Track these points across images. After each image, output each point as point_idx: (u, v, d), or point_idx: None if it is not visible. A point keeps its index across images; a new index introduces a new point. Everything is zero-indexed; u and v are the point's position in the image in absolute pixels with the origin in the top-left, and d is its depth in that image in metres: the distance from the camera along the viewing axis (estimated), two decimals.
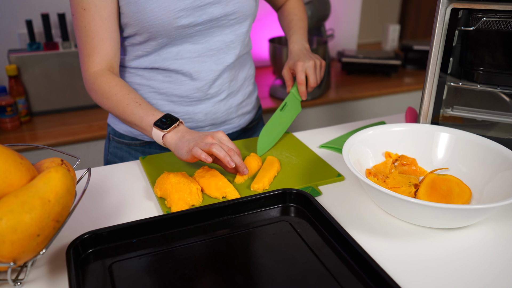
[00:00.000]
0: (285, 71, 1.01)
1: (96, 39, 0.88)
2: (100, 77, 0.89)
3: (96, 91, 0.90)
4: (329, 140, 1.02)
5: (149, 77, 0.97)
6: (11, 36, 1.79)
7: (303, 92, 0.99)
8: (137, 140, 1.05)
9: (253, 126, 1.16)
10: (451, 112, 0.91)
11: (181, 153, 0.81)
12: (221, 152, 0.77)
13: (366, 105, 2.06)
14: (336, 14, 2.38)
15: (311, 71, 0.98)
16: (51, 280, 0.60)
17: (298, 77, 0.98)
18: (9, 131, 1.66)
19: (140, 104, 0.87)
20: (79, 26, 0.88)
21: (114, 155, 1.08)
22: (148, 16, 0.87)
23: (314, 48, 1.86)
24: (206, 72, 0.97)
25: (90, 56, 0.89)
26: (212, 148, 0.77)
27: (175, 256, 0.63)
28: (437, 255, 0.64)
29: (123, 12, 0.89)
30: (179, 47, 0.93)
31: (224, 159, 0.77)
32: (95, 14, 0.86)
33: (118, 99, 0.88)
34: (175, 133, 0.83)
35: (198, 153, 0.77)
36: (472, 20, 0.83)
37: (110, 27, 0.88)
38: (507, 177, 0.72)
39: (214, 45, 0.96)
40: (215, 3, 0.90)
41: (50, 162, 0.66)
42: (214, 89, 0.99)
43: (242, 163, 0.81)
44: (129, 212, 0.75)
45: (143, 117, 0.85)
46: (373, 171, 0.80)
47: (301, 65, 0.98)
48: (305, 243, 0.66)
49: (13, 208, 0.52)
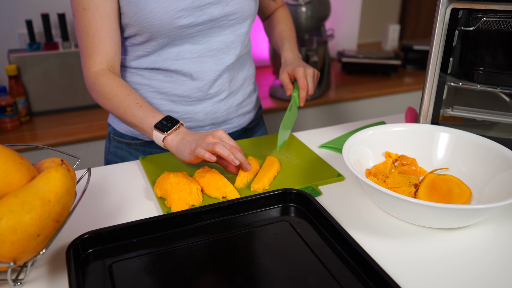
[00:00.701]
0: (284, 76, 1.01)
1: (96, 39, 0.88)
2: (101, 77, 0.89)
3: (97, 91, 0.90)
4: (329, 140, 1.02)
5: (149, 76, 0.97)
6: (11, 36, 1.79)
7: (303, 98, 0.98)
8: (138, 139, 1.05)
9: (253, 126, 1.16)
10: (451, 112, 0.91)
11: (184, 155, 0.81)
12: (225, 151, 0.78)
13: (366, 105, 2.06)
14: (336, 14, 2.38)
15: (311, 78, 0.99)
16: (51, 280, 0.60)
17: (302, 82, 0.97)
18: (9, 131, 1.66)
19: (141, 105, 0.87)
20: (79, 26, 0.88)
21: (115, 155, 1.08)
22: (148, 16, 0.87)
23: (314, 48, 1.86)
24: (206, 72, 0.97)
25: (91, 56, 0.89)
26: (216, 147, 0.77)
27: (175, 256, 0.63)
28: (437, 255, 0.64)
29: (124, 12, 0.89)
30: (179, 47, 0.94)
31: (228, 157, 0.78)
32: (95, 13, 0.86)
33: (119, 100, 0.88)
34: (176, 135, 0.84)
35: (201, 154, 0.77)
36: (472, 20, 0.83)
37: (111, 27, 0.89)
38: (507, 177, 0.72)
39: (214, 46, 0.96)
40: (215, 3, 0.90)
41: (50, 162, 0.66)
42: (214, 89, 0.99)
43: (245, 159, 0.82)
44: (129, 212, 0.75)
45: (143, 118, 0.86)
46: (373, 171, 0.80)
47: (303, 71, 0.98)
48: (305, 243, 0.66)
49: (13, 208, 0.52)
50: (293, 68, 0.99)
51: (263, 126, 1.21)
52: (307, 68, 0.99)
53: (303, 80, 0.97)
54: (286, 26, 1.13)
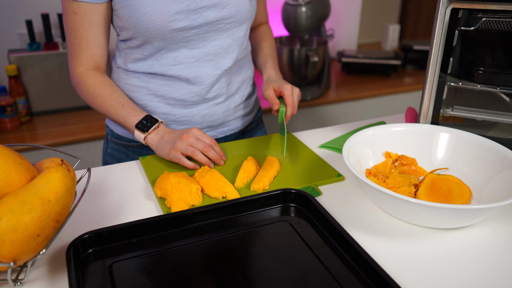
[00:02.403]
0: (270, 91, 0.97)
1: (84, 42, 0.91)
2: (85, 77, 0.93)
3: (82, 90, 0.94)
4: (329, 140, 1.02)
5: (146, 80, 0.98)
6: (11, 36, 1.79)
7: (289, 116, 0.96)
8: (135, 142, 1.05)
9: (252, 128, 1.15)
10: (451, 112, 0.91)
11: (163, 154, 0.89)
12: (203, 158, 0.87)
13: (366, 105, 2.06)
14: (336, 14, 2.38)
15: (296, 97, 0.97)
16: (51, 280, 0.60)
17: (290, 100, 0.95)
18: (9, 131, 1.66)
19: (123, 104, 0.93)
20: (68, 27, 0.90)
21: (112, 156, 1.08)
22: (143, 20, 0.87)
23: (314, 48, 1.86)
24: (204, 77, 0.97)
25: (77, 57, 0.93)
26: (195, 156, 0.87)
27: (175, 256, 0.63)
28: (437, 255, 0.64)
29: (119, 16, 0.90)
30: (176, 52, 0.93)
31: (209, 165, 0.88)
32: (84, 18, 0.88)
33: (102, 100, 0.93)
34: (156, 134, 0.90)
35: (176, 159, 0.87)
36: (472, 20, 0.83)
37: (98, 32, 0.91)
38: (507, 177, 0.72)
39: (211, 50, 0.95)
40: (211, 7, 0.90)
41: (50, 162, 0.66)
42: (212, 93, 1.00)
43: (218, 155, 0.89)
44: (129, 212, 0.75)
45: (125, 117, 0.92)
46: (373, 171, 0.80)
47: (291, 89, 0.96)
48: (305, 243, 0.66)
49: (13, 208, 0.52)
50: (280, 85, 0.97)
51: (262, 127, 1.20)
52: (294, 87, 0.97)
53: (291, 98, 0.95)
54: (270, 44, 1.13)
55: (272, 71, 1.05)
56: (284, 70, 1.91)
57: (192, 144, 0.87)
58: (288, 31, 1.98)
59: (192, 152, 0.86)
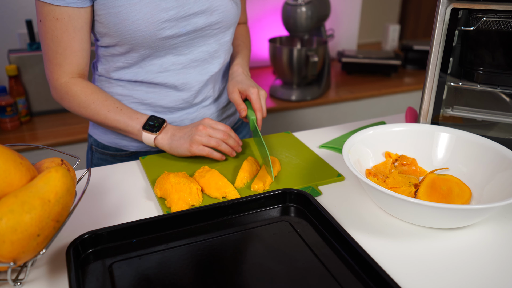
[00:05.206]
0: (236, 94, 0.94)
1: (68, 50, 0.85)
2: (73, 86, 0.88)
3: (71, 101, 0.89)
4: (329, 140, 1.02)
5: (131, 88, 0.95)
6: (11, 36, 1.79)
7: (261, 120, 0.93)
8: (123, 151, 1.02)
9: (239, 126, 1.15)
10: (451, 112, 0.91)
11: (182, 151, 0.87)
12: (227, 148, 0.87)
13: (366, 105, 2.06)
14: (336, 14, 2.38)
15: (263, 100, 0.94)
16: (51, 280, 0.60)
17: (257, 104, 0.92)
18: (9, 131, 1.66)
19: (121, 109, 0.90)
20: (49, 34, 0.84)
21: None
22: (130, 28, 0.84)
23: (314, 48, 1.86)
24: (192, 83, 0.96)
25: (60, 66, 0.87)
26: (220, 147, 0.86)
27: (175, 256, 0.63)
28: (437, 255, 0.64)
29: (102, 22, 0.86)
30: (162, 59, 0.91)
31: (231, 154, 0.89)
32: (68, 24, 0.83)
33: (98, 107, 0.89)
34: (165, 133, 0.89)
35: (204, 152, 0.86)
36: (472, 20, 0.83)
37: (83, 38, 0.86)
38: (507, 177, 0.72)
39: (198, 56, 0.94)
40: (199, 13, 0.88)
41: (50, 162, 0.66)
42: (199, 98, 0.99)
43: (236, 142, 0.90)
44: (129, 212, 0.75)
45: (127, 122, 0.89)
46: (373, 171, 0.80)
47: (257, 93, 0.93)
48: (305, 243, 0.66)
49: (13, 208, 0.52)
50: (246, 88, 0.94)
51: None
52: (260, 90, 0.94)
53: (259, 102, 0.92)
54: (243, 43, 1.11)
55: (238, 67, 1.02)
56: (284, 70, 1.91)
57: (211, 134, 0.86)
58: (288, 31, 1.98)
59: (216, 142, 0.85)
